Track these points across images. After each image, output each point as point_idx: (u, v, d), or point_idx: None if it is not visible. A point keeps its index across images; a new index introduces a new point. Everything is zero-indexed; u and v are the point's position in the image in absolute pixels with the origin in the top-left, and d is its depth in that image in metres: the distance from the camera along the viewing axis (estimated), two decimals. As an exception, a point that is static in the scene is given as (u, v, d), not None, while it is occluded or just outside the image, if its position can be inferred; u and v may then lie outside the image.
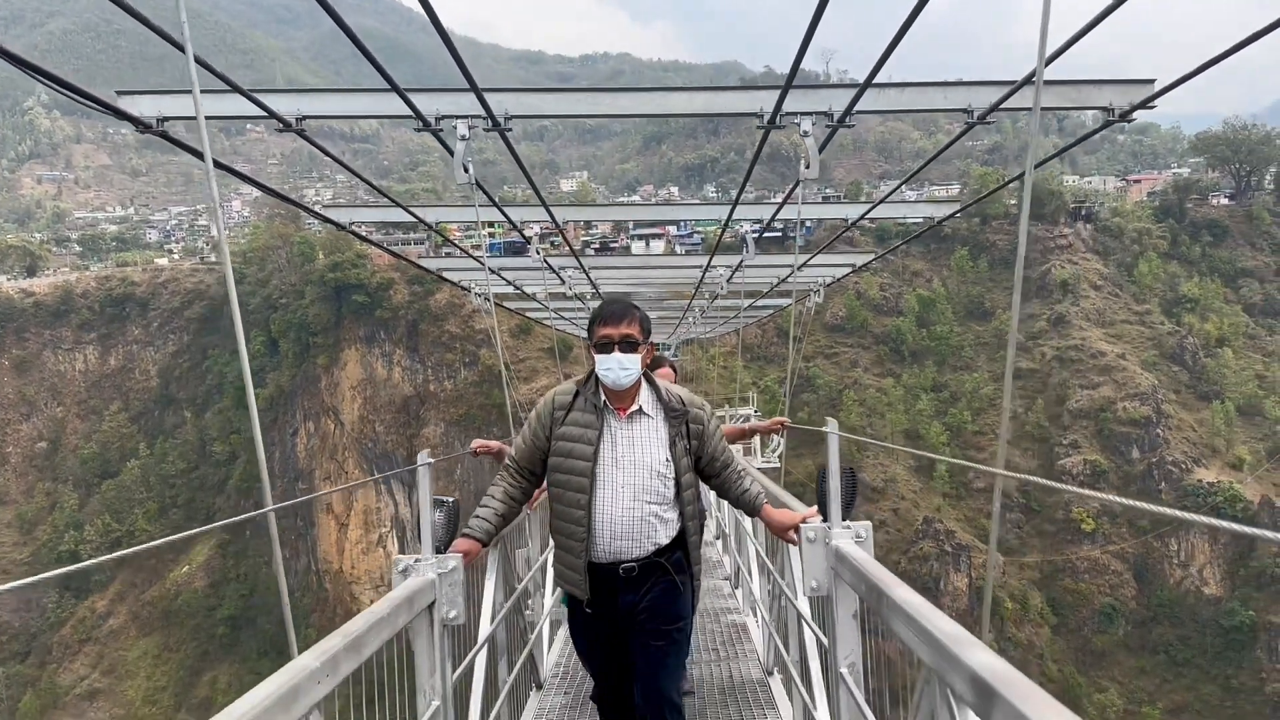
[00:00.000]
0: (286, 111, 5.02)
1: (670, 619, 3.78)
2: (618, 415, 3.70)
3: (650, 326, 3.81)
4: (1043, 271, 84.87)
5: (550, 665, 7.03)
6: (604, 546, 3.65)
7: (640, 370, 3.69)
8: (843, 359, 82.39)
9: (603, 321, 3.70)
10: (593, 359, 3.72)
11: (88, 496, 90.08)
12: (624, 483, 3.63)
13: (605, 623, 3.79)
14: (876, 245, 64.30)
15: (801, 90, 5.47)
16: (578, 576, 3.69)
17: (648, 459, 3.65)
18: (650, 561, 3.68)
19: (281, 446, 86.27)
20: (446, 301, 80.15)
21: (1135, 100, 5.38)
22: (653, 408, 3.74)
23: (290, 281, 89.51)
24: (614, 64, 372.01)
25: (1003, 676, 1.80)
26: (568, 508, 3.69)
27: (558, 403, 3.77)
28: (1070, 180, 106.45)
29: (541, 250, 10.14)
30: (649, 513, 3.65)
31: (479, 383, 78.24)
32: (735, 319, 19.58)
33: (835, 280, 12.73)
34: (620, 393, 3.70)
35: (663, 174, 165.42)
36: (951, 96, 5.78)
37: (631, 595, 3.71)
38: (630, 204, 57.29)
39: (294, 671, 2.06)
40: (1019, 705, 1.67)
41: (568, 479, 3.68)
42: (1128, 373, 74.81)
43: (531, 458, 3.84)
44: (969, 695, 1.92)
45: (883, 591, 2.61)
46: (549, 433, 3.75)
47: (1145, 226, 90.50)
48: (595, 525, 3.64)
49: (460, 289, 12.09)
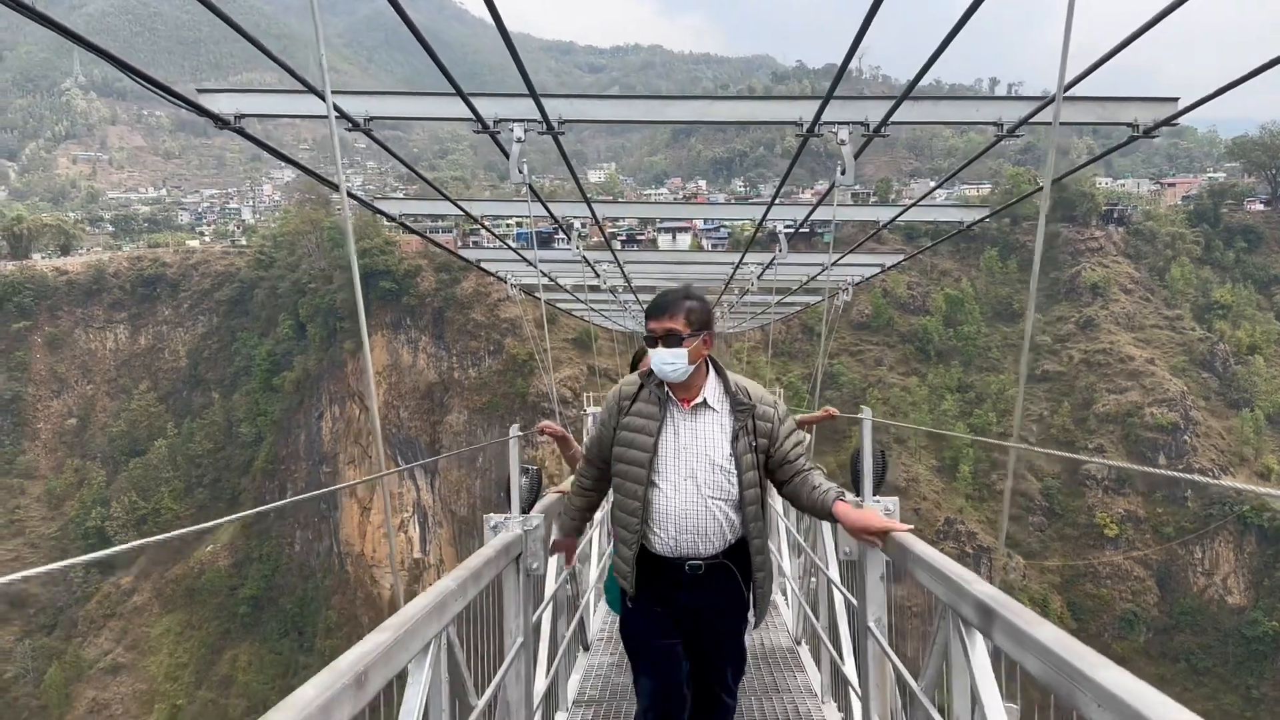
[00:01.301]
0: (355, 113, 5.28)
1: (730, 629, 3.72)
2: (681, 407, 3.60)
3: (705, 315, 3.65)
4: (1073, 274, 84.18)
5: (595, 631, 7.86)
6: (667, 540, 3.56)
7: (687, 363, 3.52)
8: (868, 357, 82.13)
9: (649, 315, 3.66)
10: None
11: (115, 474, 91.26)
12: (685, 475, 3.53)
13: (661, 617, 3.69)
14: (906, 244, 63.99)
15: (840, 101, 5.65)
16: (627, 568, 3.66)
17: (709, 452, 3.53)
18: (718, 563, 3.58)
19: (307, 429, 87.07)
20: (473, 289, 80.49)
21: (1159, 117, 5.51)
22: (718, 400, 3.61)
23: (319, 266, 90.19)
24: (645, 56, 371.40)
25: (1000, 601, 2.32)
26: (627, 498, 3.63)
27: (624, 393, 3.72)
28: (1103, 183, 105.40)
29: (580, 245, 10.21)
30: (713, 508, 3.53)
31: (503, 371, 78.58)
32: (763, 315, 19.67)
33: (864, 280, 12.91)
34: (683, 384, 3.59)
35: (690, 167, 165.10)
36: (983, 110, 5.98)
37: (695, 597, 3.62)
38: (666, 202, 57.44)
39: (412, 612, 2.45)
40: (1014, 620, 2.18)
41: (628, 469, 3.62)
42: (1156, 378, 74.17)
43: (602, 449, 3.80)
44: (975, 619, 2.46)
45: (908, 549, 3.16)
46: (615, 423, 3.70)
47: (1178, 231, 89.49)
48: (653, 518, 3.57)
49: (497, 279, 12.25)
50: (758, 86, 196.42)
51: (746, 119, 6.70)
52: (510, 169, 5.85)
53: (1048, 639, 1.98)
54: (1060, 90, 4.23)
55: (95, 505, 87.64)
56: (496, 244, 12.20)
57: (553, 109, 5.69)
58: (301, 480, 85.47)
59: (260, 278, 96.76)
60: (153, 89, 3.72)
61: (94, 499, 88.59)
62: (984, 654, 2.60)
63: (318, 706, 1.67)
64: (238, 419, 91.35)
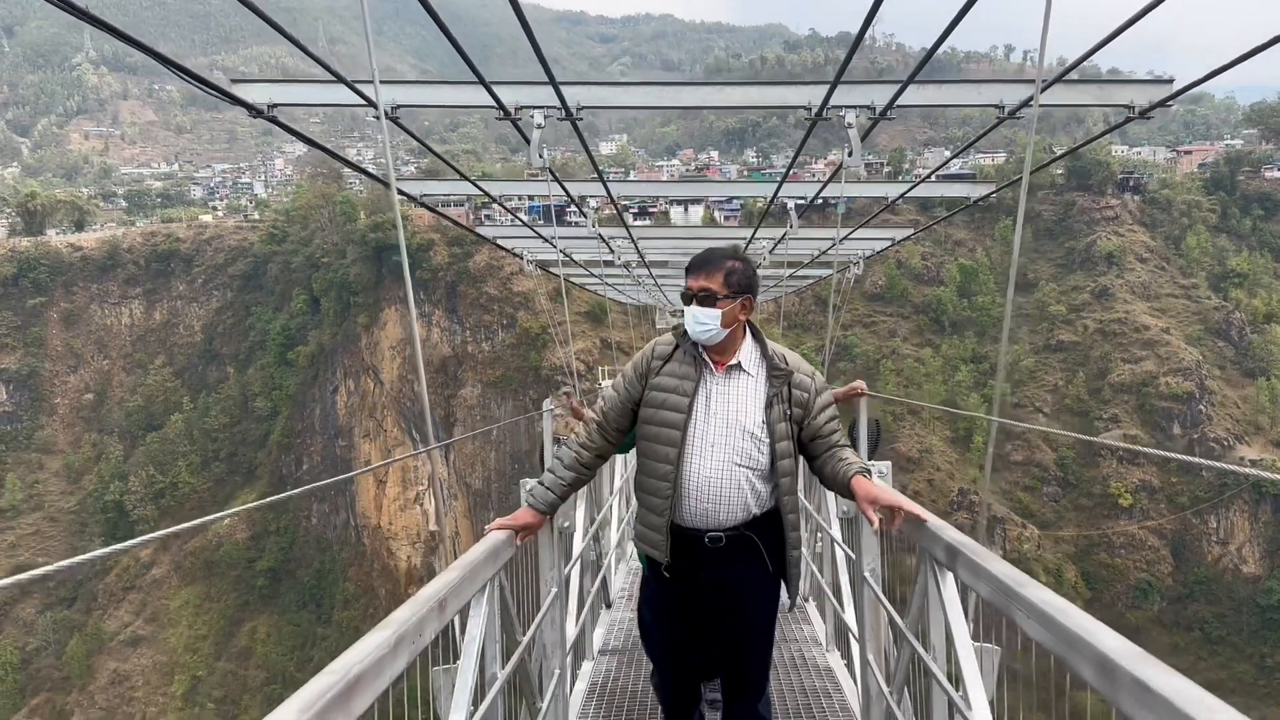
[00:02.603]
0: (383, 101, 5.45)
1: (756, 607, 3.56)
2: (714, 369, 3.44)
3: (747, 279, 3.46)
4: (1088, 243, 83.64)
5: (616, 590, 8.34)
6: (690, 509, 3.40)
7: (720, 325, 3.37)
8: (881, 328, 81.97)
9: (688, 271, 3.50)
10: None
11: (132, 448, 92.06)
12: (714, 441, 3.37)
13: (683, 594, 3.55)
14: (920, 214, 63.67)
15: (847, 85, 5.82)
16: (659, 537, 3.45)
17: (741, 418, 3.37)
18: (741, 535, 3.41)
19: (322, 404, 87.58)
20: (485, 264, 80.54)
21: (1155, 99, 5.65)
22: (754, 365, 3.46)
23: (332, 241, 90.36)
24: (656, 25, 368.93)
25: (964, 543, 2.84)
26: (655, 462, 3.44)
27: (657, 352, 3.53)
28: (1119, 151, 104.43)
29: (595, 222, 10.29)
30: (740, 476, 3.37)
31: (516, 345, 78.78)
32: (775, 288, 19.70)
33: (875, 254, 13.01)
34: (717, 346, 3.43)
35: (703, 138, 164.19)
36: (985, 93, 6.09)
37: (717, 570, 3.46)
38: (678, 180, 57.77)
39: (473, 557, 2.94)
40: (972, 557, 2.72)
41: (658, 431, 3.43)
42: (1171, 347, 73.82)
43: (622, 410, 3.58)
44: (944, 559, 2.98)
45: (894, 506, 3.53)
46: (645, 382, 3.51)
47: (1195, 199, 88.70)
48: (682, 483, 3.39)
49: (514, 256, 12.38)
50: (770, 56, 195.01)
51: (757, 103, 6.88)
52: (530, 154, 6.03)
53: (997, 570, 2.55)
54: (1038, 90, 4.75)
55: (113, 479, 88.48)
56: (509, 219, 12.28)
57: (571, 96, 5.79)
58: (318, 454, 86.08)
59: (274, 252, 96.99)
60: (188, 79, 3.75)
61: (112, 473, 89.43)
62: (953, 589, 3.10)
63: (411, 625, 2.23)
64: (253, 393, 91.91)
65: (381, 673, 2.01)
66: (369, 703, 1.93)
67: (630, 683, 5.96)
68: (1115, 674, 1.72)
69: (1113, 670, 1.73)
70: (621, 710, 5.47)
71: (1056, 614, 2.05)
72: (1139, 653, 1.73)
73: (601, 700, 5.61)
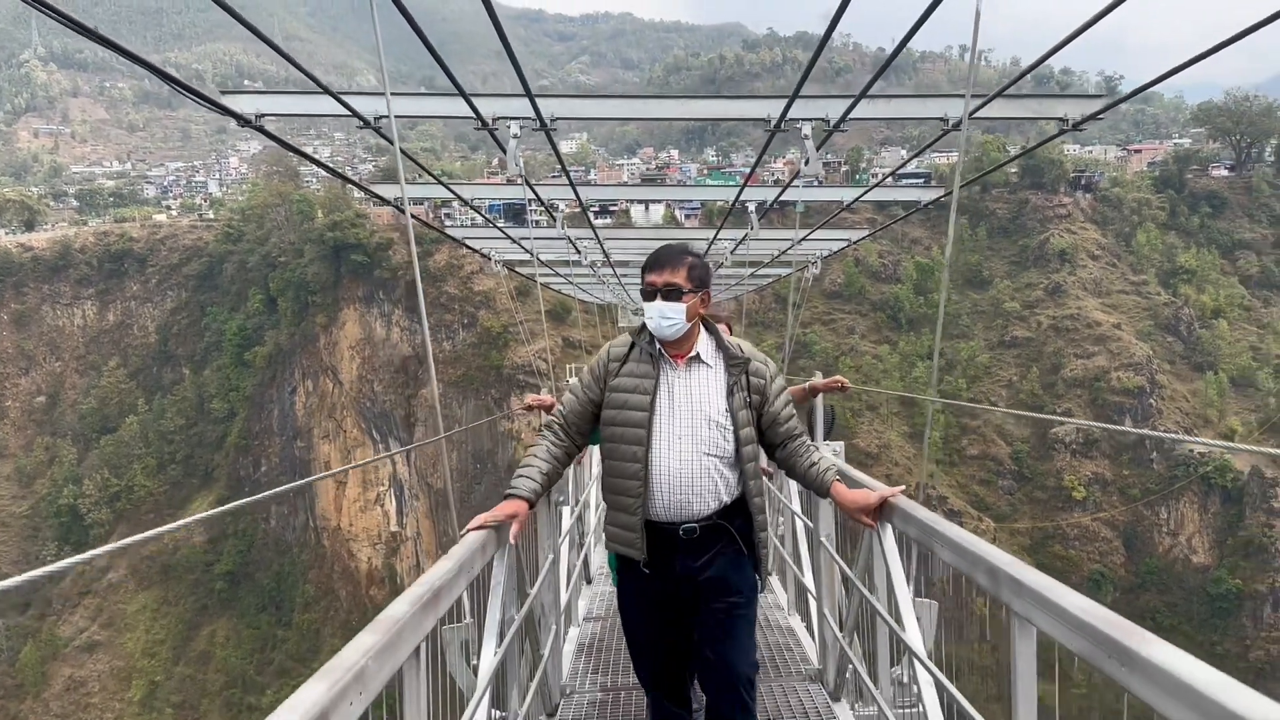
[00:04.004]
0: (366, 111, 5.77)
1: (735, 590, 3.56)
2: (674, 363, 3.51)
3: (705, 273, 3.58)
4: (1041, 240, 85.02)
5: (596, 566, 9.11)
6: (662, 502, 3.44)
7: (685, 319, 3.45)
8: (840, 325, 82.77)
9: (648, 268, 3.55)
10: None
11: (86, 451, 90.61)
12: (681, 433, 3.41)
13: (661, 589, 3.57)
14: (877, 213, 64.44)
15: (804, 100, 6.29)
16: (633, 535, 3.49)
17: (705, 407, 3.44)
18: (713, 524, 3.46)
19: (280, 404, 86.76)
20: (446, 262, 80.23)
21: (1088, 112, 6.14)
22: (712, 356, 3.54)
23: (289, 240, 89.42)
24: (615, 24, 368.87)
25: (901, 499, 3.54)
26: (623, 461, 3.48)
27: (613, 354, 3.59)
28: (1071, 149, 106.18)
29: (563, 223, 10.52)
30: (709, 465, 3.41)
31: (478, 344, 78.57)
32: (737, 286, 20.09)
33: (832, 254, 13.53)
34: (676, 340, 3.50)
35: (663, 136, 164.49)
36: (930, 107, 6.68)
37: (692, 560, 3.49)
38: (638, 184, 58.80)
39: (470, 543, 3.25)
40: (906, 509, 3.44)
41: (623, 431, 3.48)
42: (1123, 343, 75.26)
43: (582, 414, 3.65)
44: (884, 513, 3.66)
45: (851, 478, 4.05)
46: (603, 385, 3.57)
47: (1145, 197, 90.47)
48: (653, 478, 3.43)
49: (483, 256, 12.62)
50: (729, 55, 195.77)
51: (720, 116, 7.53)
52: (508, 162, 6.41)
53: (923, 516, 3.28)
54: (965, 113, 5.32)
55: (67, 483, 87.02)
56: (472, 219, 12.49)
57: (545, 107, 6.15)
58: (275, 456, 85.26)
59: (229, 251, 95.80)
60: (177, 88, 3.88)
61: (65, 477, 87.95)
62: (891, 538, 3.76)
63: (444, 581, 2.74)
64: (209, 395, 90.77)
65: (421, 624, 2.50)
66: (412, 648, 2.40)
67: (613, 642, 6.71)
68: (997, 575, 2.62)
69: (995, 573, 2.63)
70: (606, 665, 6.27)
71: (961, 540, 2.96)
72: (1013, 560, 2.63)
73: (590, 656, 6.48)
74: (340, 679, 1.82)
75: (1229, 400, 73.59)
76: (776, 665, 6.15)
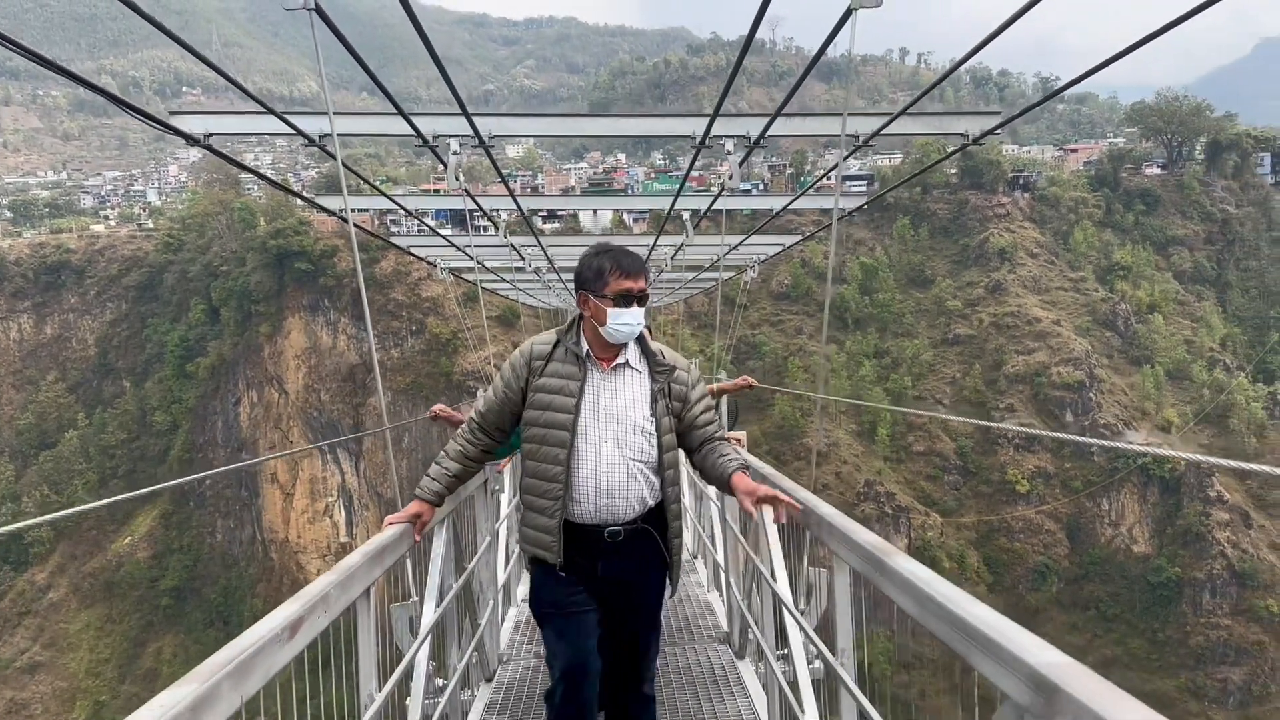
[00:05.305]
0: (310, 130, 5.98)
1: (654, 598, 3.65)
2: (601, 367, 3.48)
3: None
4: (981, 239, 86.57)
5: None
6: (586, 505, 3.44)
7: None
8: (788, 326, 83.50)
9: (624, 273, 3.45)
10: (591, 308, 3.48)
11: (25, 468, 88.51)
12: (605, 437, 3.42)
13: (579, 587, 3.53)
14: (822, 215, 65.06)
15: (725, 118, 6.84)
16: (549, 538, 3.46)
17: (631, 413, 3.45)
18: (637, 528, 3.48)
19: (224, 416, 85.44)
20: (392, 269, 79.62)
21: (986, 128, 6.57)
22: (638, 361, 3.54)
23: (231, 248, 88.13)
24: (560, 28, 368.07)
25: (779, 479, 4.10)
26: (544, 464, 3.45)
27: (535, 353, 3.52)
28: (1009, 150, 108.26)
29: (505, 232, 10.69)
30: (635, 470, 3.43)
31: (426, 351, 78.08)
32: (681, 290, 20.36)
33: (767, 259, 14.13)
34: (606, 344, 3.48)
35: (610, 141, 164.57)
36: (833, 125, 7.21)
37: (614, 564, 3.50)
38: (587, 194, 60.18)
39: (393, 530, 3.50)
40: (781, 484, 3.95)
41: (546, 433, 3.44)
42: (1062, 338, 76.86)
43: (501, 413, 3.61)
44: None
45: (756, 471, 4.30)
46: (525, 384, 3.51)
47: (1081, 195, 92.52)
48: (575, 481, 3.42)
49: (428, 264, 12.79)
50: (673, 59, 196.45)
51: (650, 133, 8.28)
52: (448, 177, 6.74)
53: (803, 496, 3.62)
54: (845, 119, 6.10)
55: (4, 501, 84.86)
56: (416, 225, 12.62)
57: (483, 125, 6.49)
58: (220, 467, 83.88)
59: (169, 261, 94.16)
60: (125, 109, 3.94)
61: (3, 494, 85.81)
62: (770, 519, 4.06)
63: (391, 543, 3.26)
64: (151, 407, 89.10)
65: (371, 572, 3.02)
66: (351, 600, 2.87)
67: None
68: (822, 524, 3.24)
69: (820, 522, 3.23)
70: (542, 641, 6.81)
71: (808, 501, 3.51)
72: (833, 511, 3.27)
73: (526, 631, 7.05)
74: (310, 600, 2.53)
75: (1165, 393, 75.46)
76: (692, 631, 7.00)
